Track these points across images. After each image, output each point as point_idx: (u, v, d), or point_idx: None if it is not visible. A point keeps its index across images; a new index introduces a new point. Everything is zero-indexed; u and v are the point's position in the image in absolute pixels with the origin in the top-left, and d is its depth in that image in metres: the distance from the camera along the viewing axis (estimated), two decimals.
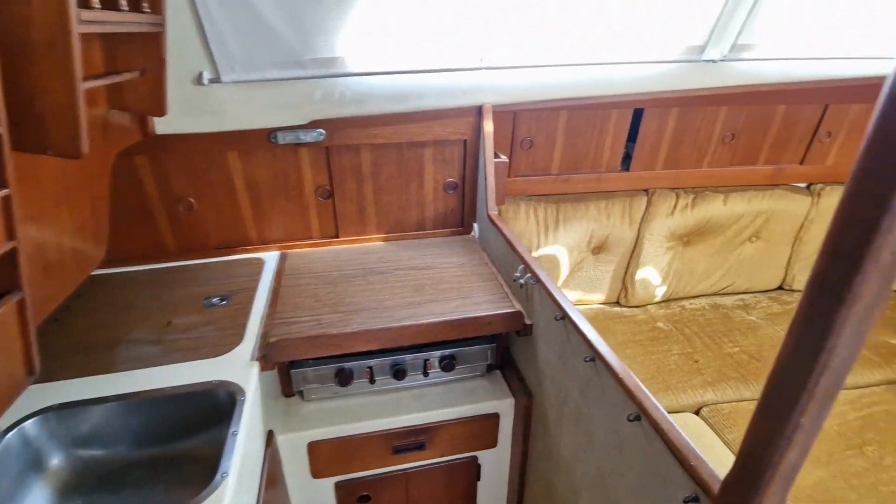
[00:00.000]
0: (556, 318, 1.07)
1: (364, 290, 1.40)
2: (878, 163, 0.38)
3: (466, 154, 1.62)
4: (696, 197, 1.97)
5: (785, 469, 0.51)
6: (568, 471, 1.12)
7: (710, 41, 1.47)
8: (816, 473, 1.31)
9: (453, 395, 1.40)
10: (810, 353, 0.45)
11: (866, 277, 0.40)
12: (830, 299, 0.43)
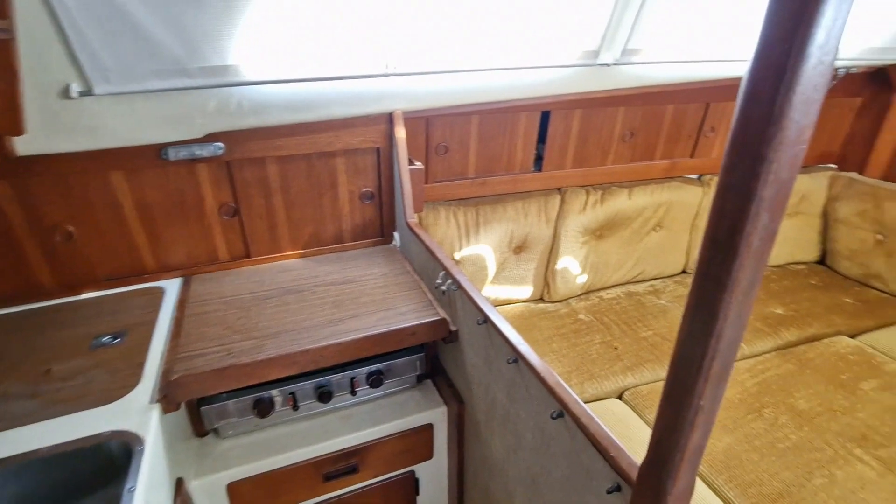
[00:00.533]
0: (479, 323, 1.06)
1: (280, 311, 1.31)
2: (740, 157, 0.40)
3: (381, 162, 1.59)
4: (603, 193, 2.09)
5: (691, 451, 0.53)
6: (501, 473, 1.12)
7: (602, 46, 1.56)
8: (725, 440, 1.43)
9: (384, 411, 1.36)
10: (702, 340, 0.47)
11: (742, 263, 0.43)
12: (714, 287, 0.45)
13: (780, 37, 0.36)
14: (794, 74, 0.36)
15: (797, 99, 0.37)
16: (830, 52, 0.36)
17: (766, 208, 0.40)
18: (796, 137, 0.38)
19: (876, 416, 1.51)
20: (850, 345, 1.86)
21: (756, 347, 1.86)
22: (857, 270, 2.34)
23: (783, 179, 0.39)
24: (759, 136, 0.39)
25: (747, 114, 0.39)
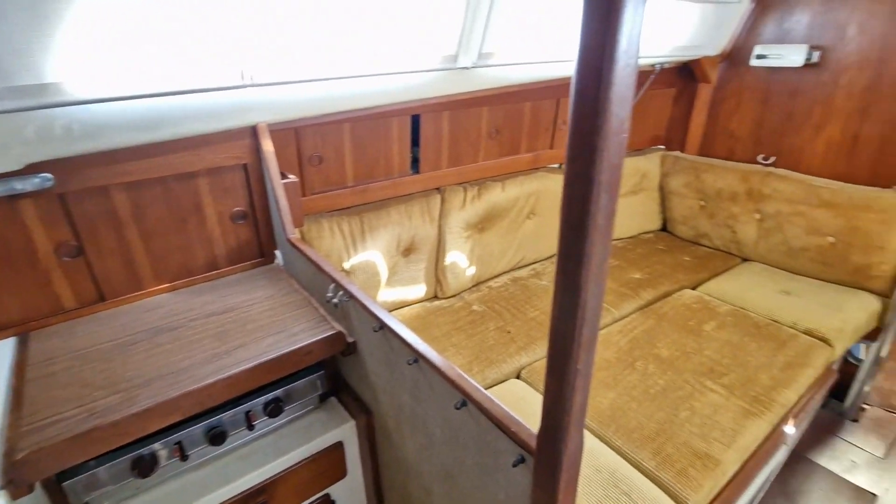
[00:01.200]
0: (375, 330, 1.06)
1: (152, 355, 1.17)
2: (579, 148, 0.46)
3: (250, 179, 1.49)
4: (480, 188, 2.21)
5: (576, 411, 0.59)
6: (417, 474, 1.13)
7: (460, 51, 1.65)
8: (609, 396, 1.60)
9: (288, 440, 1.29)
10: (571, 311, 0.53)
11: (592, 240, 0.49)
12: (574, 264, 0.51)
13: (594, 45, 0.42)
14: (609, 75, 0.42)
15: (615, 96, 0.43)
16: (633, 56, 0.43)
17: (605, 190, 0.47)
18: (618, 127, 0.45)
19: (717, 351, 1.82)
20: (693, 295, 2.21)
21: (623, 310, 2.12)
22: (689, 233, 2.78)
23: (614, 164, 0.46)
24: (591, 129, 0.45)
25: (579, 111, 0.45)
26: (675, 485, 1.31)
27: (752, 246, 2.53)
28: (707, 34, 2.38)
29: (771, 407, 1.57)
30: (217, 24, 1.14)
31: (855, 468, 2.09)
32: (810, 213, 2.27)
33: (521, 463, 0.73)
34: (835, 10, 2.18)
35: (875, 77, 2.11)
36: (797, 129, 2.39)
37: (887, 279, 2.13)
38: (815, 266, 2.32)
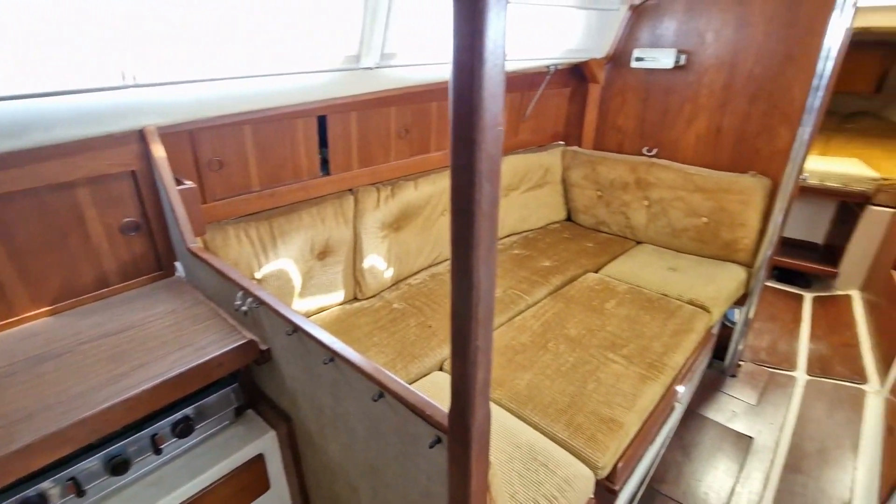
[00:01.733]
0: (288, 334, 1.04)
1: (33, 386, 1.05)
2: (461, 142, 0.50)
3: (140, 187, 1.39)
4: (393, 188, 2.23)
5: (480, 385, 0.64)
6: (344, 473, 1.13)
7: (362, 51, 1.66)
8: (525, 377, 1.71)
9: (203, 460, 1.22)
10: (467, 292, 0.57)
11: (479, 224, 0.54)
12: (465, 248, 0.55)
13: (464, 47, 0.46)
14: (480, 74, 0.47)
15: (486, 93, 0.48)
16: (500, 56, 0.48)
17: (486, 179, 0.51)
18: (493, 121, 0.50)
19: (617, 326, 2.01)
20: (595, 278, 2.41)
21: (536, 296, 2.26)
22: (590, 221, 3.02)
23: (492, 154, 0.51)
24: (469, 124, 0.49)
25: (458, 108, 0.49)
26: (586, 450, 1.43)
27: (643, 230, 2.80)
28: (593, 38, 2.60)
29: (663, 370, 1.76)
30: (92, 18, 1.05)
31: (735, 417, 2.41)
32: (688, 198, 2.57)
33: (438, 443, 0.77)
34: (695, 20, 2.49)
35: (730, 77, 2.45)
36: (672, 124, 2.70)
37: (749, 251, 2.47)
38: (694, 244, 2.63)
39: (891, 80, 5.03)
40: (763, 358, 2.85)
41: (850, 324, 3.06)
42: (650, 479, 2.05)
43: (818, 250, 3.86)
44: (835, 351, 2.85)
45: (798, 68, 2.23)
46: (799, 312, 3.32)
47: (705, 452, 2.19)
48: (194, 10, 1.19)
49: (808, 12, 2.16)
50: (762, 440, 2.26)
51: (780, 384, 2.63)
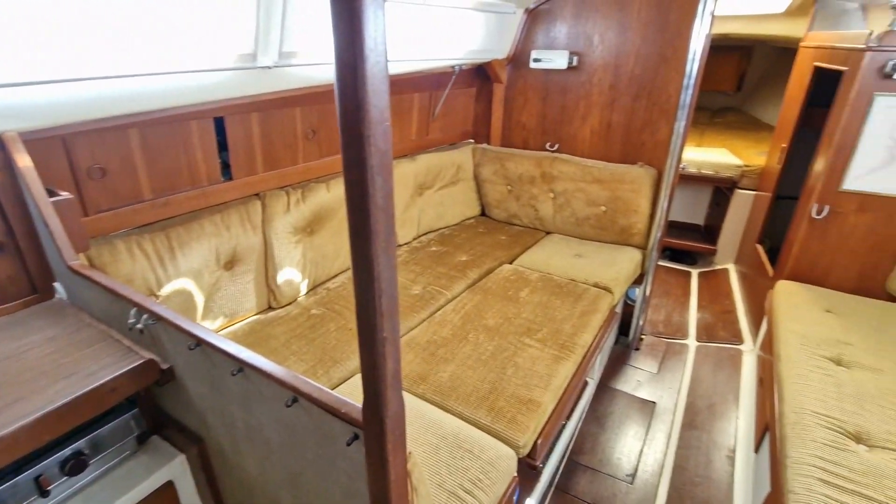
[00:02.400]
0: (191, 348, 0.98)
1: None
2: (350, 137, 0.51)
3: (1, 202, 1.22)
4: (303, 191, 2.16)
5: (390, 376, 0.65)
6: (263, 486, 1.09)
7: (258, 49, 1.59)
8: (448, 369, 1.75)
9: (102, 496, 1.11)
10: (369, 285, 0.58)
11: (376, 218, 0.55)
12: (363, 241, 0.56)
13: (345, 44, 0.47)
14: (363, 71, 0.48)
15: (371, 89, 0.49)
16: (382, 54, 0.49)
17: (378, 172, 0.53)
18: (380, 117, 0.51)
19: (532, 312, 2.12)
20: (510, 269, 2.52)
21: (455, 291, 2.31)
22: (503, 215, 3.15)
23: (382, 149, 0.52)
24: (356, 119, 0.50)
25: (344, 103, 0.50)
26: (508, 431, 1.50)
27: (551, 220, 2.98)
28: (493, 40, 2.71)
29: (574, 350, 1.89)
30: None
31: (640, 386, 2.65)
32: (587, 189, 2.78)
33: (355, 440, 0.77)
34: (582, 24, 2.69)
35: (615, 77, 2.68)
36: (570, 120, 2.90)
37: (642, 235, 2.73)
38: (595, 231, 2.84)
39: (748, 80, 5.79)
40: (660, 330, 3.16)
41: (728, 293, 3.50)
42: (570, 452, 2.19)
43: (700, 231, 4.35)
44: (717, 318, 3.24)
45: (671, 69, 2.50)
46: (688, 287, 3.73)
47: (616, 421, 2.39)
48: (60, 1, 1.07)
49: (675, 19, 2.43)
50: (663, 404, 2.51)
51: (676, 352, 2.93)
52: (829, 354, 1.84)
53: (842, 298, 2.27)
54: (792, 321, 2.08)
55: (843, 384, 1.68)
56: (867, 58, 2.08)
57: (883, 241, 2.25)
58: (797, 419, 1.55)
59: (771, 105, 5.21)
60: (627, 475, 2.08)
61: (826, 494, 1.28)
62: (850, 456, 1.39)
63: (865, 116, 2.13)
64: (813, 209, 2.34)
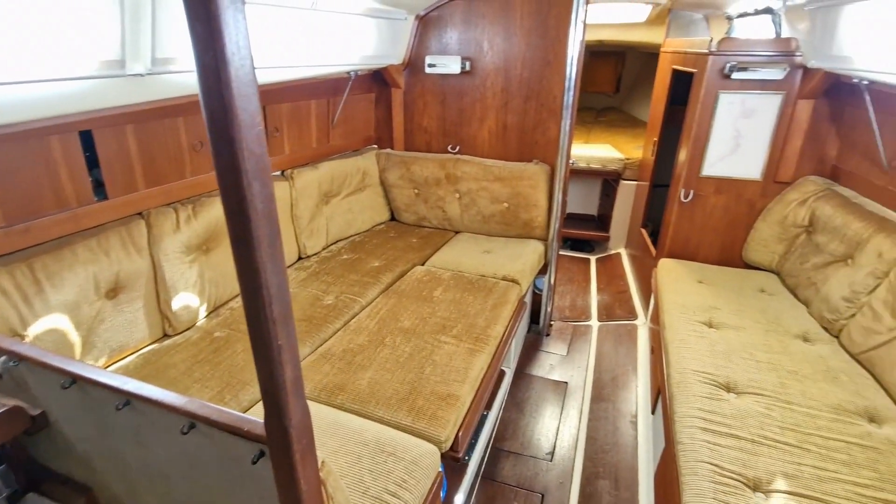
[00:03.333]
0: (65, 387, 0.88)
1: None
2: (220, 142, 0.50)
3: None
4: (194, 206, 2.02)
5: (291, 383, 0.64)
6: None
7: (126, 56, 1.46)
8: (366, 376, 1.73)
9: None
10: (256, 293, 0.57)
11: (257, 223, 0.54)
12: (246, 248, 0.55)
13: (205, 48, 0.46)
14: (227, 75, 0.47)
15: (238, 93, 0.48)
16: (246, 57, 0.49)
17: (254, 177, 0.52)
18: (250, 121, 0.51)
19: (446, 310, 2.17)
20: (422, 270, 2.56)
21: (369, 297, 2.30)
22: (412, 218, 3.19)
23: (256, 153, 0.52)
24: (224, 123, 0.49)
25: (211, 109, 0.49)
26: (429, 429, 1.53)
27: (459, 220, 3.07)
28: (388, 46, 2.74)
29: (488, 342, 1.97)
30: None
31: (553, 369, 2.82)
32: (490, 188, 2.90)
33: (262, 457, 0.74)
34: (472, 30, 2.81)
35: (506, 80, 2.83)
36: (468, 122, 3.01)
37: (543, 228, 2.91)
38: (500, 227, 2.98)
39: (624, 82, 6.41)
40: (567, 315, 3.39)
41: (622, 275, 3.84)
42: (493, 441, 2.27)
43: (594, 220, 4.74)
44: (614, 298, 3.55)
45: (554, 72, 2.70)
46: (588, 273, 4.04)
47: (534, 405, 2.52)
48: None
49: (554, 26, 2.63)
50: (574, 382, 2.69)
51: (582, 333, 3.16)
52: (703, 319, 2.10)
53: (710, 270, 2.60)
54: (672, 294, 2.35)
55: (715, 343, 1.93)
56: (710, 61, 2.41)
57: (736, 217, 2.62)
58: (681, 378, 1.75)
59: (644, 104, 5.82)
60: (547, 453, 2.21)
61: (706, 440, 1.46)
62: (723, 404, 1.61)
63: (714, 112, 2.47)
64: (681, 194, 2.66)
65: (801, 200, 2.37)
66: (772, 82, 2.35)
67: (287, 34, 1.96)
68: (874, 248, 1.88)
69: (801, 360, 1.81)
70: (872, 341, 1.74)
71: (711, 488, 1.31)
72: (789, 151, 2.44)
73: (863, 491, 1.28)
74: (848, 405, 1.59)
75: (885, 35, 1.64)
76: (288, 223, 2.53)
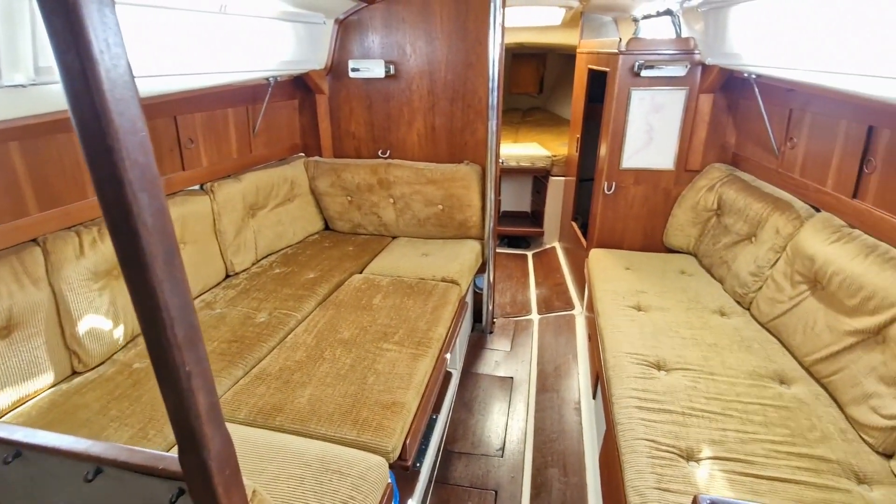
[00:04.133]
0: None
1: None
2: (95, 151, 0.45)
3: None
4: (101, 228, 1.84)
5: (206, 411, 0.59)
6: None
7: (1, 65, 1.30)
8: (306, 393, 1.66)
9: None
10: (154, 317, 0.52)
11: (148, 240, 0.49)
12: (138, 269, 0.49)
13: (65, 47, 0.41)
14: (95, 76, 0.42)
15: (111, 97, 0.43)
16: (119, 57, 0.44)
17: (140, 189, 0.47)
18: (131, 126, 0.46)
19: (386, 316, 2.13)
20: (361, 278, 2.50)
21: (304, 310, 2.21)
22: (347, 226, 3.11)
23: (141, 162, 0.47)
24: (98, 131, 0.44)
25: (80, 115, 0.44)
26: (375, 440, 1.49)
27: (395, 225, 3.04)
28: (307, 50, 2.66)
29: (431, 345, 1.96)
30: None
31: (498, 365, 2.86)
32: (423, 191, 2.90)
33: (181, 495, 0.68)
34: (393, 34, 2.80)
35: (431, 83, 2.84)
36: (397, 126, 2.99)
37: (479, 227, 2.95)
38: (437, 229, 2.98)
39: (546, 82, 6.68)
40: (508, 311, 3.45)
41: (558, 268, 3.98)
42: (444, 444, 2.26)
43: (529, 217, 4.88)
44: (552, 291, 3.67)
45: (477, 74, 2.75)
46: (526, 268, 4.15)
47: (482, 403, 2.54)
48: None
49: (473, 29, 2.68)
50: (519, 376, 2.75)
51: (524, 328, 3.24)
52: (632, 303, 2.22)
53: (636, 256, 2.75)
54: (603, 282, 2.46)
55: (644, 325, 2.04)
56: (621, 60, 2.55)
57: (655, 206, 2.80)
58: (616, 362, 1.83)
59: (566, 103, 6.08)
60: (498, 450, 2.23)
61: (642, 418, 1.54)
62: (655, 382, 1.70)
63: (627, 108, 2.62)
64: (605, 187, 2.79)
65: (710, 186, 2.57)
66: (676, 78, 2.53)
67: (195, 39, 1.84)
68: (772, 225, 2.07)
69: (719, 334, 1.96)
70: (777, 310, 1.91)
71: (650, 463, 1.37)
72: (696, 142, 2.64)
73: (779, 448, 1.40)
74: (761, 370, 1.73)
75: (768, 33, 1.82)
76: (211, 239, 2.38)
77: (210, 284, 2.37)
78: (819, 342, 1.67)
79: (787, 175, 2.18)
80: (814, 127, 2.02)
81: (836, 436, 1.44)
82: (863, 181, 1.75)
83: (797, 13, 1.62)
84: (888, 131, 1.64)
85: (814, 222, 1.89)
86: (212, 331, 2.01)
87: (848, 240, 1.69)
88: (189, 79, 1.96)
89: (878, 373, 1.43)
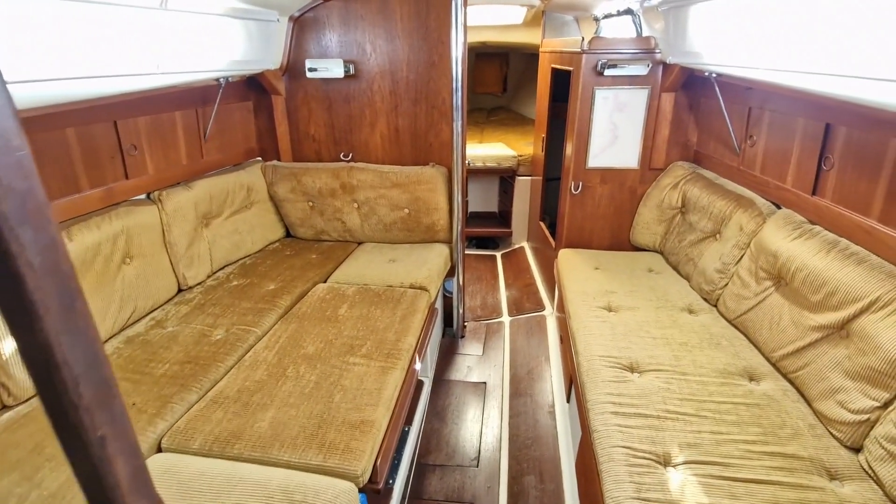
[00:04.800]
0: None
1: None
2: None
3: None
4: None
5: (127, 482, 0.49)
6: None
7: None
8: (267, 416, 1.55)
9: None
10: (51, 377, 0.42)
11: (37, 285, 0.39)
12: (25, 319, 0.40)
13: None
14: None
15: None
16: None
17: (20, 222, 0.38)
18: (5, 145, 0.36)
19: (352, 328, 2.03)
20: (325, 287, 2.39)
21: (265, 325, 2.08)
22: (309, 233, 2.98)
23: (18, 189, 0.37)
24: None
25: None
26: (343, 464, 1.39)
27: (360, 230, 2.94)
28: (260, 49, 2.52)
29: (400, 356, 1.88)
30: None
31: (470, 371, 2.80)
32: (388, 194, 2.81)
33: None
34: (352, 32, 2.70)
35: (393, 83, 2.76)
36: (359, 128, 2.88)
37: (446, 230, 2.88)
38: (403, 234, 2.90)
39: (510, 82, 6.68)
40: (479, 314, 3.41)
41: (527, 269, 3.97)
42: (417, 457, 2.19)
43: (496, 217, 4.85)
44: (522, 292, 3.64)
45: (440, 74, 2.68)
46: (495, 270, 4.11)
47: (455, 411, 2.48)
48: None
49: (435, 27, 2.61)
50: (492, 382, 2.70)
51: (495, 331, 3.20)
52: (602, 304, 2.21)
53: (604, 255, 2.75)
54: (573, 282, 2.44)
55: (615, 326, 2.02)
56: (584, 59, 2.54)
57: (621, 204, 2.80)
58: (589, 366, 1.81)
59: (531, 102, 6.10)
60: (472, 460, 2.18)
61: (618, 424, 1.51)
62: (629, 385, 1.68)
63: (592, 107, 2.61)
64: (571, 186, 2.78)
65: (674, 184, 2.60)
66: (638, 77, 2.53)
67: (133, 38, 1.69)
68: (736, 222, 2.10)
69: (688, 332, 1.96)
70: (743, 306, 1.93)
71: (627, 472, 1.34)
72: (659, 140, 2.66)
73: (752, 448, 1.40)
74: (731, 367, 1.74)
75: (727, 32, 1.83)
76: (161, 252, 2.22)
77: (161, 301, 2.20)
78: (785, 338, 1.69)
79: (748, 172, 2.22)
80: (773, 125, 2.06)
81: (806, 431, 1.46)
82: (821, 178, 1.79)
83: (755, 13, 1.63)
84: (845, 129, 1.67)
85: (775, 219, 1.91)
86: (162, 352, 1.86)
87: (809, 236, 1.72)
88: (129, 80, 1.80)
89: (843, 367, 1.45)
